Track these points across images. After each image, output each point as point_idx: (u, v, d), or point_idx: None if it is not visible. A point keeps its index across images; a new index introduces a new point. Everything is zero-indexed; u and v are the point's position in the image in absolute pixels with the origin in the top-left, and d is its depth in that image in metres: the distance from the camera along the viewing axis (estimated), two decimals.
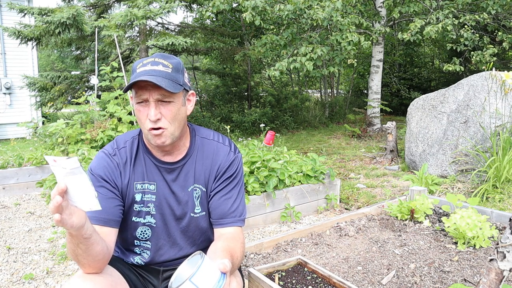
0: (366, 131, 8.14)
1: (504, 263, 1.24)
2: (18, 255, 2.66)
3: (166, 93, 1.20)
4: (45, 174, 4.20)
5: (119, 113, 4.27)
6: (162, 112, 1.21)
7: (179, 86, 1.22)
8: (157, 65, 1.21)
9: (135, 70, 1.23)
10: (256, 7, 5.83)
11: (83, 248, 1.06)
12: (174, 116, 1.23)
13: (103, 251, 1.14)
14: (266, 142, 3.99)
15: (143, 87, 1.19)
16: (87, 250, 1.07)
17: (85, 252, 1.08)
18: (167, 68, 1.22)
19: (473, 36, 6.56)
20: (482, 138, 3.92)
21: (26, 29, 6.27)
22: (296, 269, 1.96)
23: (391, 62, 12.77)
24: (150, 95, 1.19)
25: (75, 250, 1.07)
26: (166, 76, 1.20)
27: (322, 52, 5.92)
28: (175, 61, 1.26)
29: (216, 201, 1.37)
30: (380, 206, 3.03)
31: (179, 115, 1.26)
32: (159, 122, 1.21)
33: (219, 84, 10.99)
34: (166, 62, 1.23)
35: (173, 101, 1.23)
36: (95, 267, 1.14)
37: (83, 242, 1.05)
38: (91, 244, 1.07)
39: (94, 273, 1.16)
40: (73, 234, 1.01)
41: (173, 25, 8.61)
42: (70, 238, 1.04)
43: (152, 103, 1.20)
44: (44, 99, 7.27)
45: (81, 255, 1.08)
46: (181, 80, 1.25)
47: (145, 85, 1.19)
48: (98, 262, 1.14)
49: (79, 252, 1.07)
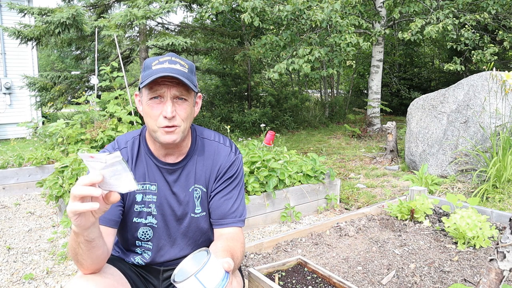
0: (366, 131, 8.14)
1: (504, 263, 1.24)
2: (18, 255, 2.66)
3: (184, 91, 1.21)
4: (45, 174, 4.20)
5: (119, 113, 4.27)
6: (177, 110, 1.22)
7: (194, 86, 1.24)
8: (174, 64, 1.21)
9: (149, 67, 1.22)
10: (255, 8, 5.83)
11: (84, 249, 1.06)
12: (187, 115, 1.24)
13: (103, 256, 1.14)
14: (266, 142, 3.99)
15: (160, 83, 1.19)
16: (88, 252, 1.07)
17: (86, 253, 1.08)
18: (184, 68, 1.22)
19: (473, 35, 6.56)
20: (482, 138, 3.92)
21: (26, 29, 6.27)
22: (296, 269, 1.96)
23: (391, 62, 12.77)
24: (168, 91, 1.19)
25: (76, 249, 1.07)
26: (184, 75, 1.20)
27: (320, 54, 5.92)
28: (190, 63, 1.28)
29: (216, 202, 1.37)
30: (380, 206, 3.03)
31: (191, 115, 1.27)
32: (174, 120, 1.21)
33: (219, 84, 11.00)
34: (182, 62, 1.24)
35: (187, 100, 1.24)
36: (92, 268, 1.15)
37: (85, 244, 1.05)
38: (92, 247, 1.07)
39: (93, 273, 1.16)
40: (77, 232, 1.01)
41: (173, 25, 8.61)
42: (74, 236, 1.04)
43: (169, 100, 1.20)
44: (44, 99, 7.28)
45: (81, 255, 1.08)
46: (195, 81, 1.27)
47: (162, 81, 1.19)
48: (97, 265, 1.15)
49: (79, 252, 1.08)
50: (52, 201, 3.28)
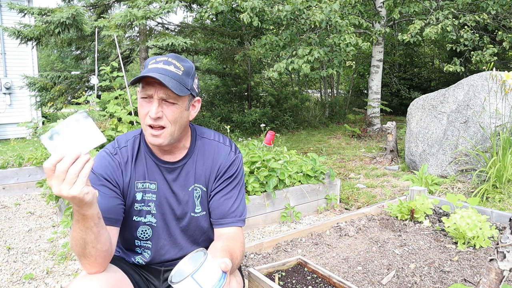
0: (366, 131, 8.14)
1: (504, 263, 1.24)
2: (18, 255, 2.66)
3: (171, 94, 1.20)
4: (45, 174, 4.19)
5: (119, 113, 4.27)
6: (164, 111, 1.22)
7: (186, 90, 1.23)
8: (169, 65, 1.22)
9: (147, 65, 1.24)
10: (254, 8, 5.83)
11: (95, 231, 1.05)
12: (175, 118, 1.23)
13: (109, 242, 1.14)
14: (266, 142, 3.99)
15: (150, 83, 1.20)
16: (98, 234, 1.06)
17: (96, 239, 1.07)
18: (178, 70, 1.22)
19: (473, 36, 6.56)
20: (482, 138, 3.92)
21: (26, 29, 6.27)
22: (296, 269, 1.96)
23: (391, 62, 12.77)
24: (155, 92, 1.20)
25: (85, 238, 1.06)
26: (175, 77, 1.20)
27: (319, 54, 5.92)
28: (188, 65, 1.27)
29: (216, 201, 1.37)
30: (380, 206, 3.03)
31: (181, 119, 1.26)
32: (159, 120, 1.21)
33: (219, 84, 11.00)
34: (178, 64, 1.24)
35: (177, 104, 1.23)
36: (100, 262, 1.13)
37: (96, 225, 1.05)
38: (101, 227, 1.07)
39: (97, 272, 1.15)
40: (87, 215, 1.01)
41: (173, 25, 8.61)
42: (83, 222, 1.03)
43: (156, 101, 1.20)
44: (44, 99, 7.27)
45: (91, 242, 1.07)
46: (189, 84, 1.25)
47: (152, 81, 1.19)
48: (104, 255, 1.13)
49: (89, 239, 1.06)
50: (52, 201, 3.28)
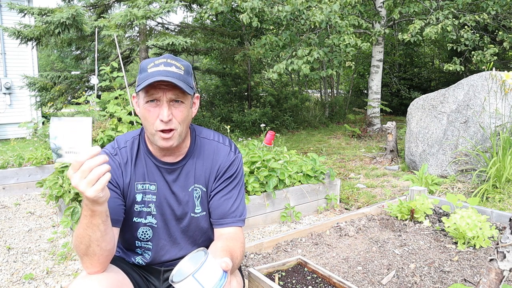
0: (366, 131, 8.14)
1: (504, 263, 1.24)
2: (18, 255, 2.66)
3: (179, 94, 1.21)
4: (45, 174, 4.20)
5: (119, 113, 4.27)
6: (173, 113, 1.22)
7: (190, 89, 1.24)
8: (170, 66, 1.21)
9: (145, 69, 1.22)
10: (254, 9, 5.83)
11: (102, 229, 1.06)
12: (183, 118, 1.24)
13: (113, 241, 1.14)
14: (266, 142, 3.98)
15: (156, 87, 1.19)
16: (104, 232, 1.07)
17: (102, 237, 1.07)
18: (179, 70, 1.22)
19: (473, 36, 6.56)
20: (482, 138, 3.92)
21: (26, 29, 6.27)
22: (296, 269, 1.96)
23: (391, 62, 12.77)
24: (164, 94, 1.19)
25: (91, 236, 1.06)
26: (180, 77, 1.20)
27: (319, 55, 5.92)
28: (186, 63, 1.27)
29: (216, 201, 1.37)
30: (380, 206, 3.03)
31: (187, 118, 1.27)
32: (170, 123, 1.21)
33: (219, 84, 11.00)
34: (178, 64, 1.24)
35: (184, 102, 1.23)
36: (102, 262, 1.13)
37: (104, 222, 1.05)
38: (108, 225, 1.08)
39: (97, 272, 1.15)
40: (96, 211, 1.02)
41: (173, 25, 8.62)
42: (90, 218, 1.04)
43: (165, 103, 1.20)
44: (44, 99, 7.27)
45: (96, 240, 1.07)
46: (191, 82, 1.26)
47: (158, 84, 1.18)
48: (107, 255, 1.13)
49: (95, 237, 1.06)
50: (52, 201, 3.28)
